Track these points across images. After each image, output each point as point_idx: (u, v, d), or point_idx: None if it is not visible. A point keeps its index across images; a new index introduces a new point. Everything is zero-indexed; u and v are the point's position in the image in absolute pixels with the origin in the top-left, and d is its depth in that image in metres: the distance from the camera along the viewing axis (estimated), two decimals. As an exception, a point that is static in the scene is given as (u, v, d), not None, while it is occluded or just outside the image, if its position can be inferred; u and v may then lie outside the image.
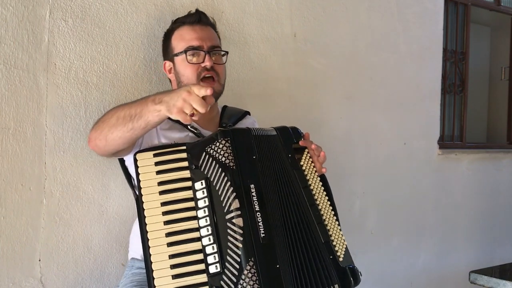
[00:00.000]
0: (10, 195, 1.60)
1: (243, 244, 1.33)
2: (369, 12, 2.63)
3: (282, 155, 1.51)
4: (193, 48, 1.61)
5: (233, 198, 1.36)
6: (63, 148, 1.69)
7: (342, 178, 2.54)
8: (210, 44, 1.63)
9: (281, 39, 2.28)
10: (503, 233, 3.48)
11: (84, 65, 1.73)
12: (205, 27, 1.67)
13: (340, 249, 1.47)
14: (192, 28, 1.65)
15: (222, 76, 1.66)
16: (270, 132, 1.53)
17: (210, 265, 1.33)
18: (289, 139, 1.55)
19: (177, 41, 1.65)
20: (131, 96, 1.81)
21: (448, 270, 3.10)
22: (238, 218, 1.35)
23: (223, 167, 1.38)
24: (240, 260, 1.32)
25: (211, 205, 1.37)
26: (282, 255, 1.37)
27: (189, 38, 1.63)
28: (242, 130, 1.49)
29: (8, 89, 1.59)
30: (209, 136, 1.45)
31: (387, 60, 2.74)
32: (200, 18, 1.67)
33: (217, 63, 1.64)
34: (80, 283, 1.74)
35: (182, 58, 1.62)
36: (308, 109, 2.40)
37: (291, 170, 1.49)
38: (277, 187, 1.45)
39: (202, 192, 1.37)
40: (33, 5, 1.63)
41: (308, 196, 1.49)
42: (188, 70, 1.61)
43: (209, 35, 1.66)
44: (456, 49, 3.38)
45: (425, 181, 2.97)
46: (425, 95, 2.95)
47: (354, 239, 2.72)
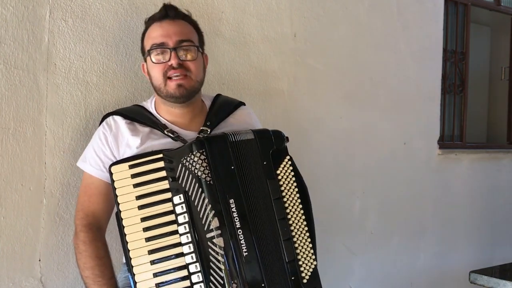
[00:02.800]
0: (10, 195, 1.60)
1: (225, 265, 1.30)
2: (369, 12, 2.63)
3: (258, 162, 1.41)
4: (157, 46, 1.48)
5: (212, 216, 1.32)
6: (63, 148, 1.69)
7: (342, 178, 2.54)
8: (176, 39, 1.48)
9: (281, 39, 2.27)
10: (503, 233, 3.48)
11: (84, 65, 1.73)
12: (173, 21, 1.51)
13: (306, 269, 1.40)
14: (159, 24, 1.51)
15: (196, 72, 1.50)
16: (247, 136, 1.43)
17: (195, 284, 1.30)
18: (267, 144, 1.43)
19: (146, 41, 1.54)
20: (131, 96, 1.81)
21: (448, 270, 3.10)
22: (218, 238, 1.31)
23: (199, 182, 1.33)
24: (223, 282, 1.30)
25: (191, 222, 1.32)
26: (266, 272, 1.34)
27: (154, 35, 1.50)
28: (218, 137, 1.41)
29: (8, 89, 1.59)
30: (184, 146, 1.39)
31: (387, 60, 2.74)
32: (166, 13, 1.52)
33: (188, 60, 1.49)
34: (80, 283, 1.73)
35: (149, 58, 1.51)
36: (308, 109, 2.40)
37: (264, 179, 1.41)
38: (255, 199, 1.38)
39: (181, 207, 1.33)
40: (33, 5, 1.63)
41: (278, 209, 1.40)
42: (155, 70, 1.49)
43: (177, 29, 1.50)
44: (456, 49, 3.38)
45: (425, 181, 2.97)
46: (425, 95, 2.95)
47: (354, 239, 2.73)
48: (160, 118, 1.55)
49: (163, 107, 1.56)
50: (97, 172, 1.49)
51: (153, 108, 1.58)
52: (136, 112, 1.56)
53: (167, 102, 1.53)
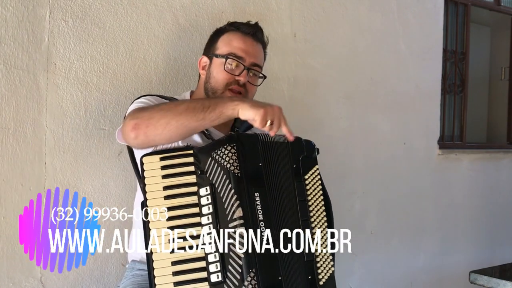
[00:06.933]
0: (10, 195, 1.60)
1: (245, 254, 1.31)
2: (369, 12, 2.63)
3: (287, 164, 1.46)
4: (235, 57, 1.55)
5: (237, 206, 1.33)
6: (63, 148, 1.69)
7: (342, 178, 2.54)
8: (252, 61, 1.57)
9: (281, 39, 2.27)
10: (503, 233, 3.48)
11: (84, 65, 1.73)
12: (256, 43, 1.61)
13: (324, 272, 1.44)
14: (244, 38, 1.59)
15: (251, 96, 1.60)
16: (279, 139, 1.47)
17: (212, 273, 1.32)
18: (298, 150, 1.48)
19: (224, 43, 1.59)
20: (131, 96, 1.81)
21: (448, 270, 3.10)
22: (240, 228, 1.32)
23: (227, 174, 1.35)
24: (241, 271, 1.31)
25: (215, 212, 1.35)
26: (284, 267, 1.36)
27: (236, 45, 1.57)
28: (249, 136, 1.46)
29: (8, 89, 1.59)
30: (216, 141, 1.43)
31: (387, 60, 2.74)
32: (255, 32, 1.61)
33: (251, 83, 1.59)
34: (80, 283, 1.74)
35: (221, 61, 1.56)
36: (308, 109, 2.40)
37: (292, 181, 1.45)
38: (280, 196, 1.42)
39: (206, 199, 1.36)
40: (33, 5, 1.63)
41: (302, 210, 1.44)
42: (220, 75, 1.56)
43: (256, 52, 1.60)
44: (456, 49, 3.38)
45: (425, 181, 2.97)
46: (425, 95, 2.95)
47: (354, 239, 2.72)
48: None
49: None
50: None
51: None
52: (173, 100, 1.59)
53: None
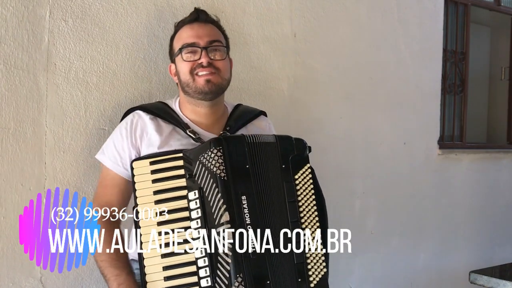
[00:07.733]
0: (10, 195, 1.60)
1: (232, 259, 1.32)
2: (369, 12, 2.63)
3: (276, 164, 1.45)
4: (188, 45, 1.56)
5: (224, 211, 1.34)
6: (63, 148, 1.69)
7: (342, 178, 2.54)
8: (207, 40, 1.56)
9: (281, 39, 2.27)
10: (503, 233, 3.48)
11: (84, 65, 1.73)
12: (204, 24, 1.62)
13: (315, 274, 1.43)
14: (190, 26, 1.60)
15: (224, 70, 1.59)
16: (268, 139, 1.47)
17: (202, 278, 1.34)
18: (288, 150, 1.47)
19: (176, 42, 1.62)
20: (131, 96, 1.81)
21: (448, 270, 3.10)
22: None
23: (214, 178, 1.36)
24: (229, 276, 1.32)
25: (204, 217, 1.36)
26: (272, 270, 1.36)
27: (185, 36, 1.58)
28: (236, 137, 1.46)
29: (8, 89, 1.59)
30: (203, 144, 1.43)
31: (387, 60, 2.74)
32: (198, 16, 1.62)
33: (217, 59, 1.57)
34: (80, 283, 1.74)
35: (180, 57, 1.58)
36: (308, 109, 2.40)
37: (281, 181, 1.44)
38: (268, 198, 1.41)
39: (195, 203, 1.37)
40: (33, 5, 1.63)
41: (292, 211, 1.43)
42: (184, 67, 1.56)
43: (207, 31, 1.59)
44: (456, 49, 3.38)
45: (425, 181, 2.97)
46: (425, 95, 2.95)
47: (354, 239, 2.71)
48: (183, 117, 1.60)
49: (188, 106, 1.60)
50: (113, 165, 1.54)
51: (177, 107, 1.63)
52: (160, 108, 1.61)
53: (193, 101, 1.58)
